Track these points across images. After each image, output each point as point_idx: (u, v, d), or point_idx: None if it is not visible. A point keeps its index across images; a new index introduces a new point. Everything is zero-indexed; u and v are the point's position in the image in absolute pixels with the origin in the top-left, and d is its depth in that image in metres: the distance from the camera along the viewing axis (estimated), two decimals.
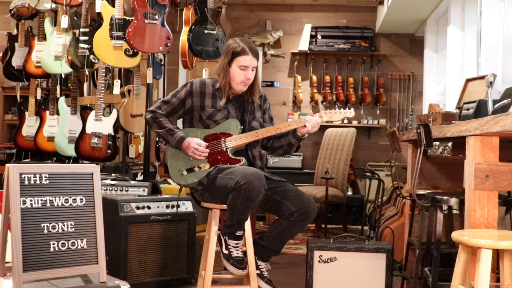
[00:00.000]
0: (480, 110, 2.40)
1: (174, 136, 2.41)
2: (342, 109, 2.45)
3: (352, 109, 2.44)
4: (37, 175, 1.68)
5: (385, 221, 3.83)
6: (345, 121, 5.86)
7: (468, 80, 3.24)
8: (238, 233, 2.30)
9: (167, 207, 2.90)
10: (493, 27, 3.25)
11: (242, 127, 2.44)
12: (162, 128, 2.43)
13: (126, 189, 3.19)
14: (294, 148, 2.48)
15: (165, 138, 2.44)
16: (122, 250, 2.73)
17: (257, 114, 2.53)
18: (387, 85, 5.97)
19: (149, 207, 2.85)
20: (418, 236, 2.63)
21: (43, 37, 4.23)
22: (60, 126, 4.10)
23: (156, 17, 3.33)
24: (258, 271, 2.38)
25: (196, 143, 2.37)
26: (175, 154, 2.45)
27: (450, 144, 3.41)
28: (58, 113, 4.19)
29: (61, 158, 4.24)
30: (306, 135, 2.43)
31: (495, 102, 2.34)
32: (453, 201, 2.20)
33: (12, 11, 4.44)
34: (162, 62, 4.18)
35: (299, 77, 5.96)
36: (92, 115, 3.74)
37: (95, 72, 4.12)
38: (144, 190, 3.19)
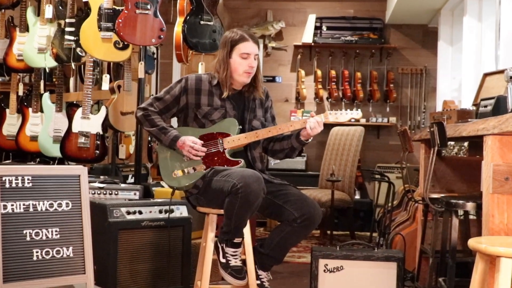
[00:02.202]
0: (499, 107, 2.40)
1: (167, 135, 2.41)
2: (349, 109, 2.46)
3: (359, 110, 2.46)
4: (19, 178, 1.68)
5: (395, 227, 3.82)
6: (352, 119, 5.86)
7: (485, 75, 3.23)
8: (236, 240, 2.29)
9: (160, 212, 2.89)
10: None
11: (241, 126, 2.44)
12: (154, 127, 2.43)
13: (116, 192, 3.17)
14: (296, 152, 2.49)
15: (157, 137, 2.44)
16: (111, 258, 2.72)
17: (259, 113, 2.52)
18: (397, 81, 5.97)
19: (140, 212, 2.84)
20: (431, 244, 2.63)
21: (26, 28, 4.22)
22: (44, 125, 4.09)
23: (148, 6, 3.32)
24: (259, 282, 2.38)
25: (191, 141, 2.38)
26: (168, 154, 2.45)
27: (466, 144, 3.39)
28: (41, 111, 4.18)
29: (45, 159, 4.23)
30: (310, 139, 2.43)
31: None
32: (470, 206, 2.20)
33: None
34: (155, 56, 4.18)
35: (302, 72, 5.95)
36: (78, 112, 3.73)
37: (82, 66, 4.12)
38: (135, 194, 3.17)
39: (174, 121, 2.69)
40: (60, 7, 4.01)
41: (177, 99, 2.45)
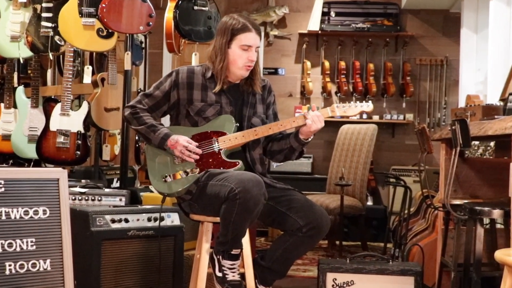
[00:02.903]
0: None
1: (157, 133, 2.41)
2: (358, 101, 2.44)
3: (370, 101, 2.43)
4: None
5: (413, 237, 3.82)
6: (364, 116, 5.86)
7: None
8: (234, 251, 2.29)
9: (149, 220, 2.90)
10: None
11: (238, 124, 2.44)
12: (142, 125, 2.44)
13: (99, 198, 3.18)
14: (296, 153, 2.49)
15: (146, 136, 2.45)
16: (94, 272, 2.72)
17: (259, 109, 2.53)
18: (415, 73, 5.97)
19: (126, 220, 2.84)
20: (453, 256, 2.63)
21: None
22: (18, 122, 4.10)
23: None
24: None
25: (185, 140, 2.38)
26: (157, 155, 2.45)
27: (492, 144, 3.39)
28: (15, 106, 4.19)
29: (19, 161, 4.23)
30: (310, 138, 2.43)
31: None
32: (496, 213, 2.20)
33: None
34: (143, 45, 4.19)
35: (308, 63, 5.96)
36: (57, 108, 3.73)
37: (61, 56, 4.12)
38: (120, 200, 3.18)
39: (166, 121, 2.68)
40: None
41: (167, 95, 2.46)
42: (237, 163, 2.38)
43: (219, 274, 2.30)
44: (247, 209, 2.16)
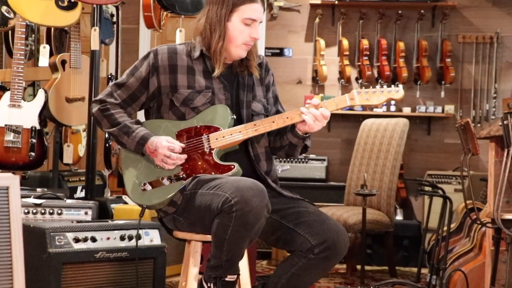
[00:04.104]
0: None
1: (131, 136, 2.43)
2: (386, 86, 2.43)
3: (400, 86, 2.43)
4: None
5: (454, 261, 3.82)
6: (392, 107, 5.86)
7: None
8: (230, 278, 2.30)
9: (122, 239, 2.91)
10: None
11: (234, 116, 2.45)
12: (114, 126, 2.46)
13: (59, 211, 3.18)
14: (298, 149, 2.51)
15: (119, 139, 2.47)
16: None
17: (258, 91, 2.55)
18: (456, 53, 5.97)
19: (94, 239, 2.85)
20: (506, 284, 2.63)
21: None
22: None
23: None
24: None
25: (166, 147, 2.38)
26: (134, 159, 2.47)
27: None
28: None
29: None
30: (310, 133, 2.45)
31: None
32: None
33: None
34: (114, 19, 4.18)
35: (322, 42, 5.96)
36: (5, 98, 3.73)
37: (9, 32, 4.12)
38: (86, 214, 3.18)
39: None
40: None
41: (144, 83, 2.47)
42: (232, 166, 2.39)
43: None
44: (245, 225, 2.17)
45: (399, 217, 5.66)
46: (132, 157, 2.48)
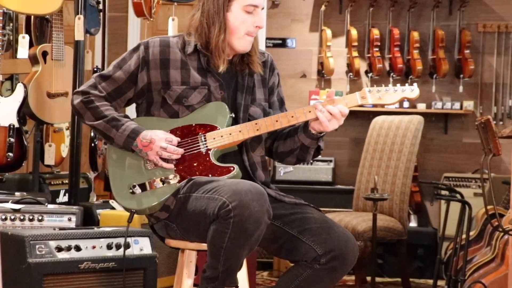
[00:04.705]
0: None
1: (121, 129, 2.43)
2: (399, 84, 2.45)
3: (415, 84, 2.45)
4: None
5: (474, 272, 3.83)
6: (406, 104, 5.86)
7: None
8: None
9: (109, 247, 2.92)
10: None
11: (233, 114, 2.47)
12: (99, 119, 2.45)
13: (40, 217, 3.20)
14: (310, 152, 2.51)
15: (105, 133, 2.46)
16: None
17: (259, 95, 2.55)
18: (476, 44, 5.98)
19: (78, 248, 2.87)
20: None
21: None
22: None
23: None
24: None
25: (163, 139, 2.39)
26: (121, 158, 2.47)
27: None
28: None
29: None
30: (324, 133, 2.45)
31: None
32: None
33: None
34: (100, 6, 4.19)
35: (328, 32, 5.96)
36: None
37: None
38: (70, 220, 3.20)
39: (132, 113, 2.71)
40: None
41: (133, 78, 2.47)
42: (232, 168, 2.40)
43: None
44: (244, 232, 2.17)
45: (413, 224, 5.67)
46: (119, 156, 2.47)
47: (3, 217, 3.15)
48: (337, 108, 2.37)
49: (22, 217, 3.17)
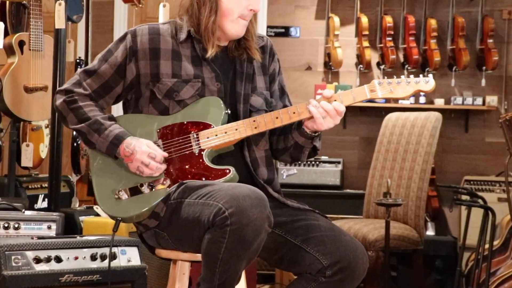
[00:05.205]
0: None
1: (103, 134, 2.44)
2: (412, 76, 2.44)
3: (430, 75, 2.44)
4: None
5: (498, 286, 3.83)
6: (421, 98, 5.87)
7: None
8: None
9: (94, 258, 2.92)
10: None
11: (229, 111, 2.47)
12: (82, 121, 2.46)
13: (16, 225, 3.19)
14: (305, 152, 2.51)
15: (87, 138, 2.47)
16: None
17: (260, 83, 2.56)
18: (500, 33, 5.99)
19: (59, 259, 2.86)
20: None
21: None
22: None
23: None
24: None
25: (146, 153, 2.39)
26: (106, 161, 2.48)
27: None
28: None
29: None
30: (320, 131, 2.44)
31: None
32: None
33: None
34: None
35: (336, 20, 5.97)
36: None
37: None
38: (49, 228, 3.19)
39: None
40: None
41: (120, 71, 2.48)
42: (228, 170, 2.39)
43: None
44: (242, 241, 2.17)
45: (430, 232, 5.67)
46: (103, 158, 2.48)
47: None
48: (332, 105, 2.36)
49: None
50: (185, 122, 2.45)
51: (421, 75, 2.44)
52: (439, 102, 5.88)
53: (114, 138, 2.42)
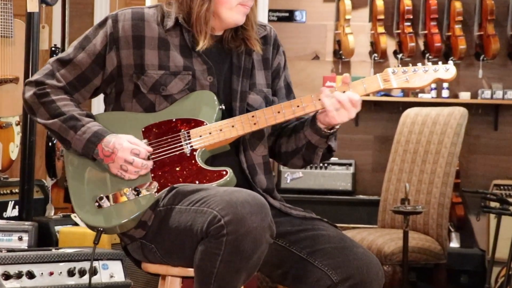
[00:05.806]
0: None
1: (80, 131, 2.43)
2: (431, 63, 2.43)
3: (451, 62, 2.43)
4: None
5: None
6: (444, 91, 5.86)
7: None
8: None
9: (71, 274, 2.93)
10: None
11: (223, 106, 2.47)
12: (55, 116, 2.45)
13: None
14: (318, 153, 2.51)
15: (61, 136, 2.47)
16: None
17: (259, 78, 2.56)
18: None
19: (31, 275, 2.87)
20: None
21: None
22: None
23: None
24: None
25: (129, 150, 2.38)
26: (84, 164, 2.48)
27: None
28: None
29: None
30: (338, 126, 2.43)
31: None
32: None
33: None
34: None
35: (347, 2, 5.98)
36: None
37: None
38: (20, 239, 3.19)
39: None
40: None
41: (99, 61, 2.48)
42: (224, 172, 2.39)
43: None
44: (240, 253, 2.17)
45: (454, 244, 5.69)
46: (81, 160, 2.47)
47: None
48: (346, 95, 2.35)
49: None
50: (174, 120, 2.45)
51: (440, 62, 2.44)
52: (465, 96, 5.87)
53: (92, 136, 2.41)
